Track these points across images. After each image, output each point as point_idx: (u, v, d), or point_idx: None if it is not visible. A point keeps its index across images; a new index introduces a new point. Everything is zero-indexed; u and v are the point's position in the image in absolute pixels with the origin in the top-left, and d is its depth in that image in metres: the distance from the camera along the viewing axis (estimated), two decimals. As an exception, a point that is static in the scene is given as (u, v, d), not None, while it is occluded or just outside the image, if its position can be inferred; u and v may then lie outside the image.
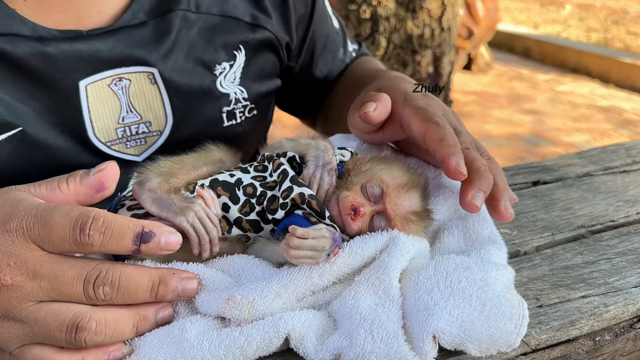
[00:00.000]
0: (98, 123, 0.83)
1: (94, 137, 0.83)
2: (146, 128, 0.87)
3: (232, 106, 0.93)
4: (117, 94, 0.84)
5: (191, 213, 0.61)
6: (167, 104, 0.87)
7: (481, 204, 0.67)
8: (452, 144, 0.67)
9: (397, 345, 0.55)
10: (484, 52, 6.09)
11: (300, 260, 0.58)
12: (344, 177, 0.67)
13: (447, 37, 2.64)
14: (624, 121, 4.80)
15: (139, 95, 0.85)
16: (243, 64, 0.94)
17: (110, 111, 0.84)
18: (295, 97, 1.16)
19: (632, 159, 1.06)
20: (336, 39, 1.14)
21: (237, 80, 0.93)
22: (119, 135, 0.85)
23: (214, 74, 0.91)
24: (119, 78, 0.83)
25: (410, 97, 0.75)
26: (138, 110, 0.86)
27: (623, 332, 0.67)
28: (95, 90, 0.82)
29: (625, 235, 0.81)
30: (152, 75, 0.85)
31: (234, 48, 0.93)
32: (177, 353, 0.55)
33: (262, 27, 0.95)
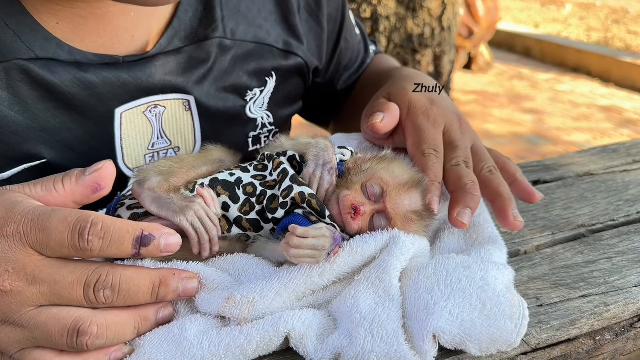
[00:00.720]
0: (128, 150, 0.81)
1: (123, 164, 0.81)
2: (174, 153, 0.86)
3: (259, 131, 0.93)
4: (151, 120, 0.82)
5: (191, 212, 0.61)
6: (197, 129, 0.86)
7: (468, 221, 0.68)
8: (431, 178, 0.70)
9: (397, 345, 0.54)
10: (484, 51, 6.08)
11: (300, 260, 0.58)
12: (344, 176, 0.67)
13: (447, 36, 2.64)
14: (625, 120, 4.80)
15: (171, 122, 0.84)
16: (272, 90, 0.94)
17: (142, 138, 0.82)
18: (316, 106, 1.15)
19: (633, 159, 1.06)
20: (360, 48, 1.14)
21: (265, 106, 0.93)
22: (147, 161, 0.83)
23: (244, 100, 0.90)
24: (155, 105, 0.82)
25: (413, 110, 0.77)
26: (169, 136, 0.85)
27: (623, 332, 0.67)
28: (130, 118, 0.80)
29: (626, 235, 0.81)
30: (187, 103, 0.84)
31: (266, 74, 0.92)
32: (176, 352, 0.55)
33: (294, 54, 0.95)
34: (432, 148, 0.73)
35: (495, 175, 0.75)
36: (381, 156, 0.69)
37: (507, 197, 0.73)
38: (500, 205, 0.72)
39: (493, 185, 0.74)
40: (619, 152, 1.09)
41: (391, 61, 1.18)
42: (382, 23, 2.59)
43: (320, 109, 1.16)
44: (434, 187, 0.70)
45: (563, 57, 6.40)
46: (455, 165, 0.73)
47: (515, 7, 9.18)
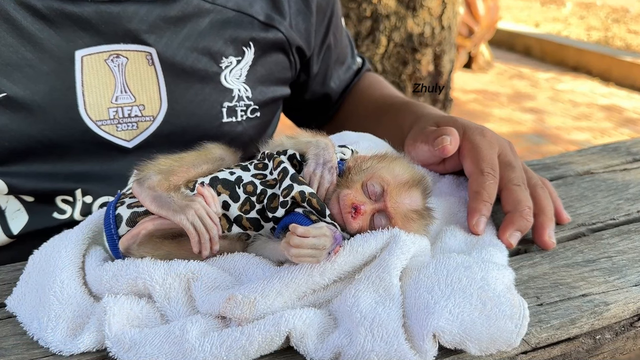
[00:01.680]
0: (90, 99, 0.81)
1: (85, 113, 0.81)
2: (139, 111, 0.84)
3: (234, 102, 0.92)
4: (113, 70, 0.82)
5: (191, 211, 0.61)
6: (162, 88, 0.85)
7: (516, 242, 0.73)
8: (484, 199, 0.73)
9: (397, 344, 0.54)
10: (484, 50, 6.08)
11: (301, 259, 0.58)
12: (344, 175, 0.67)
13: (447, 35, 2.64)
14: (625, 120, 4.79)
15: (135, 76, 0.83)
16: (251, 62, 0.93)
17: (104, 88, 0.82)
18: (307, 108, 1.15)
19: (633, 157, 1.06)
20: (347, 51, 1.14)
21: (242, 77, 0.92)
22: (110, 115, 0.83)
23: (219, 66, 0.89)
24: (117, 54, 0.81)
25: (469, 132, 0.80)
26: (133, 91, 0.84)
27: (623, 331, 0.67)
28: (91, 64, 0.80)
29: (626, 234, 0.81)
30: (150, 56, 0.83)
31: (243, 44, 0.91)
32: (177, 354, 0.55)
33: (275, 28, 0.94)
34: (490, 167, 0.76)
35: (545, 193, 0.79)
36: (382, 155, 0.69)
37: (550, 216, 0.76)
38: (542, 222, 0.76)
39: (541, 202, 0.77)
40: (619, 150, 1.09)
41: (390, 87, 1.19)
42: (382, 22, 2.59)
43: (312, 110, 1.16)
44: (485, 209, 0.73)
45: (563, 56, 6.39)
46: (516, 184, 0.76)
47: (516, 6, 9.17)
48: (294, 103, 1.11)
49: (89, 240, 0.67)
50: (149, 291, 0.60)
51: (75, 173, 0.84)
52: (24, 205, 0.84)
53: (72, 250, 0.65)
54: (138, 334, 0.57)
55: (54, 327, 0.59)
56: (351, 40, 1.19)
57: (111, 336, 0.57)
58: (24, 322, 0.62)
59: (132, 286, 0.61)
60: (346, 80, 1.15)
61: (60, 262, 0.64)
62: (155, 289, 0.60)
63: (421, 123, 0.87)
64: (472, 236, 0.73)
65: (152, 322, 0.60)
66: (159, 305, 0.61)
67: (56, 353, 0.59)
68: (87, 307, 0.62)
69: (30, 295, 0.64)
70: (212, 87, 0.89)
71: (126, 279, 0.61)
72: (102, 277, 0.62)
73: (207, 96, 0.89)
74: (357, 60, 1.19)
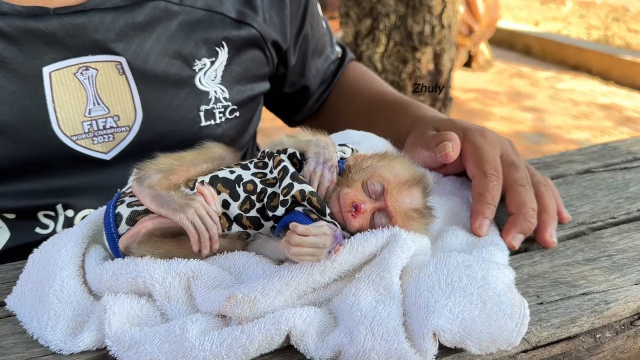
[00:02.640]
0: (63, 114, 0.79)
1: (59, 129, 0.79)
2: (114, 123, 0.83)
3: (212, 105, 0.90)
4: (84, 84, 0.80)
5: (191, 210, 0.61)
6: (136, 97, 0.83)
7: (519, 245, 0.74)
8: (487, 201, 0.73)
9: (398, 343, 0.54)
10: (484, 49, 6.08)
11: (301, 258, 0.58)
12: (344, 174, 0.66)
13: (447, 34, 2.64)
14: (625, 119, 4.79)
15: (106, 87, 0.82)
16: (225, 62, 0.90)
17: (76, 102, 0.80)
18: (288, 101, 1.13)
19: (633, 156, 1.06)
20: (326, 40, 1.12)
21: (217, 79, 0.90)
22: (85, 129, 0.81)
23: (192, 69, 0.87)
24: (85, 67, 0.80)
25: (469, 134, 0.80)
26: (106, 103, 0.82)
27: (624, 330, 0.67)
28: (60, 79, 0.79)
29: (626, 233, 0.81)
30: (119, 65, 0.82)
31: (216, 44, 0.89)
32: (177, 353, 0.55)
33: (247, 24, 0.91)
34: (493, 168, 0.75)
35: (548, 192, 0.79)
36: (382, 154, 0.69)
37: (552, 215, 0.76)
38: (544, 220, 0.76)
39: (544, 200, 0.77)
40: (620, 149, 1.09)
41: (380, 81, 1.16)
42: (382, 21, 2.59)
43: (293, 102, 1.14)
44: (488, 211, 0.73)
45: (563, 55, 6.39)
46: (520, 185, 0.76)
47: (515, 5, 9.17)
48: (275, 96, 1.08)
49: (89, 239, 0.67)
50: (149, 290, 0.60)
51: (55, 188, 0.83)
52: (5, 222, 0.83)
53: (72, 249, 0.65)
54: (138, 333, 0.56)
55: (53, 325, 0.59)
56: (329, 29, 1.15)
57: (111, 335, 0.56)
58: (24, 321, 0.62)
59: (132, 285, 0.61)
60: (324, 70, 1.12)
61: (60, 261, 0.64)
62: (155, 287, 0.60)
63: (420, 127, 0.86)
64: (473, 235, 0.73)
65: (152, 320, 0.60)
66: (159, 304, 0.61)
67: (56, 352, 0.58)
68: (87, 306, 0.62)
69: (30, 294, 0.64)
70: (187, 92, 0.87)
71: (126, 278, 0.61)
72: (102, 276, 0.62)
73: (182, 101, 0.87)
74: (336, 50, 1.15)
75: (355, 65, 1.19)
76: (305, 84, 1.10)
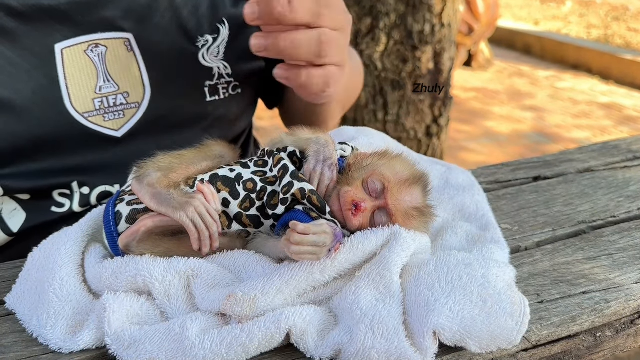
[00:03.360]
0: (74, 91, 0.81)
1: (71, 106, 0.81)
2: (124, 99, 0.84)
3: (215, 81, 0.91)
4: (94, 60, 0.82)
5: (191, 208, 0.61)
6: (144, 73, 0.85)
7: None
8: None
9: (398, 341, 0.54)
10: (484, 48, 6.07)
11: (301, 256, 0.58)
12: (345, 172, 0.66)
13: (447, 33, 2.64)
14: (625, 118, 4.79)
15: (116, 64, 0.83)
16: (227, 39, 0.92)
17: (87, 79, 0.82)
18: (269, 82, 1.09)
19: (633, 155, 1.06)
20: None
21: (221, 55, 0.91)
22: (96, 106, 0.83)
23: (196, 46, 0.89)
24: (95, 44, 0.82)
25: None
26: (115, 79, 0.84)
27: (624, 328, 0.66)
28: (71, 56, 0.81)
29: (627, 231, 0.81)
30: (128, 42, 0.84)
31: (217, 21, 0.91)
32: (177, 351, 0.55)
33: (244, 2, 0.91)
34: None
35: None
36: (382, 152, 0.69)
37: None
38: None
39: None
40: (620, 148, 1.09)
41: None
42: (382, 20, 2.58)
43: (270, 85, 1.10)
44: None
45: (563, 54, 6.39)
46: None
47: (515, 4, 9.16)
48: (266, 79, 1.06)
49: (89, 237, 0.67)
50: (149, 288, 0.60)
51: (69, 167, 0.84)
52: (20, 204, 0.84)
53: (72, 247, 0.65)
54: (138, 332, 0.56)
55: (53, 324, 0.59)
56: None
57: (111, 333, 0.56)
58: (24, 320, 0.62)
59: (132, 283, 0.61)
60: None
61: (60, 260, 0.64)
62: (155, 286, 0.60)
63: None
64: (474, 234, 0.73)
65: (152, 319, 0.60)
66: (158, 303, 0.60)
67: (55, 350, 0.58)
68: (86, 305, 0.62)
69: (29, 292, 0.64)
70: (192, 68, 0.89)
71: (126, 277, 0.61)
72: (102, 275, 0.62)
73: (188, 77, 0.89)
74: None
75: None
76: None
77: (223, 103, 0.92)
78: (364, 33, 2.66)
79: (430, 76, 2.67)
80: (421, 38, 2.61)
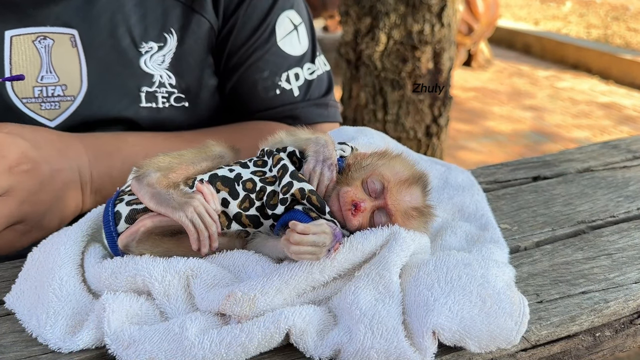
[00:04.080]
0: None
1: (11, 90, 0.85)
2: (61, 91, 0.88)
3: (155, 88, 0.91)
4: (40, 52, 0.86)
5: (190, 208, 0.61)
6: (84, 69, 0.88)
7: None
8: None
9: (397, 341, 0.54)
10: (483, 48, 6.07)
11: (300, 256, 0.58)
12: (344, 172, 0.66)
13: (447, 33, 2.64)
14: (624, 118, 4.79)
15: (60, 57, 0.87)
16: (175, 49, 0.91)
17: (31, 68, 0.86)
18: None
19: (633, 155, 1.06)
20: (274, 60, 0.97)
21: (165, 64, 0.91)
22: (35, 94, 0.86)
23: (139, 51, 0.90)
24: (44, 36, 0.86)
25: None
26: (57, 72, 0.87)
27: (623, 328, 0.67)
28: (19, 44, 0.85)
29: (626, 231, 0.81)
30: (73, 38, 0.87)
31: (165, 30, 0.91)
32: (177, 351, 0.55)
33: (197, 13, 0.92)
34: None
35: None
36: (382, 152, 0.69)
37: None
38: None
39: None
40: (619, 148, 1.09)
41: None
42: (382, 19, 2.58)
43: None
44: None
45: (563, 54, 6.39)
46: None
47: (515, 4, 9.16)
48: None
49: (88, 237, 0.67)
50: (148, 288, 0.60)
51: None
52: None
53: (71, 247, 0.65)
54: (137, 331, 0.56)
55: (52, 324, 0.59)
56: (303, 62, 1.00)
57: (110, 333, 0.56)
58: (23, 319, 0.62)
59: (131, 283, 0.61)
60: (254, 94, 0.98)
61: (59, 259, 0.64)
62: (155, 286, 0.60)
63: None
64: (473, 233, 0.73)
65: (151, 319, 0.60)
66: (158, 303, 0.60)
67: (55, 350, 0.58)
68: (86, 304, 0.62)
69: (29, 292, 0.64)
70: (130, 71, 0.90)
71: (125, 276, 0.61)
72: (101, 274, 0.62)
73: (125, 79, 0.90)
74: (288, 86, 0.98)
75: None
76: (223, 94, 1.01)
77: (160, 112, 0.92)
78: (363, 33, 2.66)
79: (429, 76, 2.67)
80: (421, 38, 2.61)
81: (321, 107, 1.01)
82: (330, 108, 1.03)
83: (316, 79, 1.01)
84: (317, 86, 1.01)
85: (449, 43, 2.70)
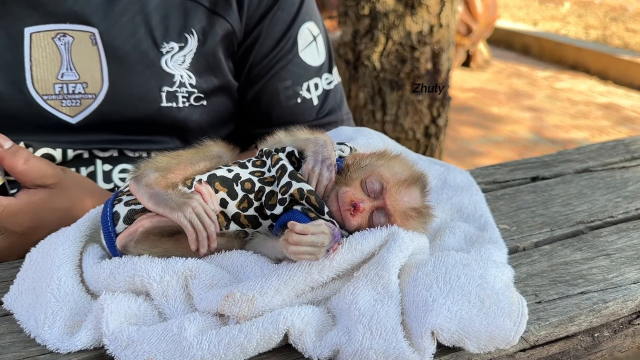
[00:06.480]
0: (37, 74, 0.86)
1: (32, 86, 0.86)
2: (82, 89, 0.88)
3: (175, 88, 0.92)
4: (60, 49, 0.87)
5: (189, 209, 0.61)
6: (104, 68, 0.89)
7: None
8: None
9: (396, 341, 0.54)
10: (482, 48, 6.08)
11: (299, 256, 0.58)
12: (343, 172, 0.66)
13: (446, 33, 2.64)
14: (623, 118, 4.79)
15: (80, 55, 0.88)
16: (195, 50, 0.93)
17: (51, 64, 0.87)
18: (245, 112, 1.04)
19: (632, 155, 1.06)
20: (296, 71, 0.99)
21: (185, 64, 0.92)
22: (56, 91, 0.87)
23: (160, 51, 0.90)
24: (63, 33, 0.86)
25: None
26: (77, 69, 0.88)
27: (622, 328, 0.67)
28: (39, 41, 0.86)
29: (624, 232, 0.81)
30: (93, 36, 0.87)
31: (186, 31, 0.92)
32: (175, 352, 0.54)
33: (220, 16, 0.93)
34: None
35: None
36: (381, 153, 0.69)
37: None
38: None
39: None
40: (618, 148, 1.09)
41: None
42: (381, 20, 2.58)
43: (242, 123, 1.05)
44: None
45: (561, 54, 6.39)
46: None
47: (514, 4, 9.17)
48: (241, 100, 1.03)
49: (87, 237, 0.67)
50: (147, 289, 0.60)
51: (25, 146, 0.88)
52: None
53: (70, 247, 0.65)
54: (136, 332, 0.56)
55: (51, 324, 0.59)
56: (321, 72, 1.02)
57: (108, 334, 0.56)
58: (21, 320, 0.62)
59: (130, 284, 0.61)
60: (276, 103, 1.00)
61: (58, 260, 0.63)
62: (153, 286, 0.60)
63: None
64: (472, 234, 0.73)
65: (149, 319, 0.60)
66: (156, 303, 0.60)
67: (53, 351, 0.58)
68: (84, 305, 0.62)
69: (27, 292, 0.63)
70: (152, 71, 0.91)
71: (124, 277, 0.61)
72: (100, 275, 0.62)
73: (146, 79, 0.91)
74: (308, 95, 1.01)
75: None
76: (243, 100, 1.02)
77: (180, 111, 0.93)
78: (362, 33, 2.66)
79: (428, 76, 2.67)
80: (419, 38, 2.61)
81: (336, 125, 1.02)
82: (344, 123, 1.07)
83: (333, 89, 1.05)
84: (333, 96, 1.05)
85: (448, 43, 2.70)
